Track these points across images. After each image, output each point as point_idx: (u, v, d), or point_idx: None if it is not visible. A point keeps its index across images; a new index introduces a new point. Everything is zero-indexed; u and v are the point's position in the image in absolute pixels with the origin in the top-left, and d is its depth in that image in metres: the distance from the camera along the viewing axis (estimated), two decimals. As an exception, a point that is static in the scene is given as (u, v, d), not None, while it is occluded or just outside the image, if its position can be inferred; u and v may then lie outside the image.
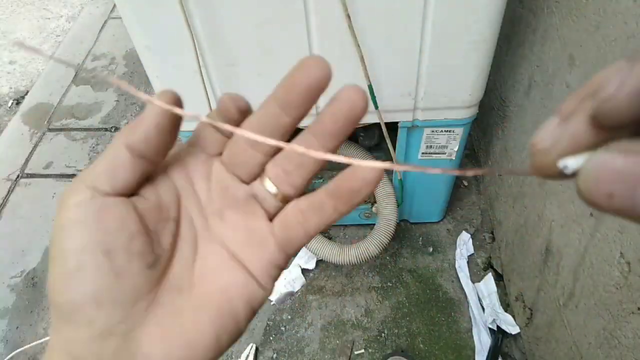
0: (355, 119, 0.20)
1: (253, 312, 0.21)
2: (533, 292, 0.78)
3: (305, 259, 1.00)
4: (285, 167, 0.21)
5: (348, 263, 0.90)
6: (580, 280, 0.61)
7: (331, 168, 1.07)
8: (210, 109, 0.74)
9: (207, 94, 0.72)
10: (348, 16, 0.59)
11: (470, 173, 0.14)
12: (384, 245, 0.89)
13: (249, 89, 0.70)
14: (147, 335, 0.18)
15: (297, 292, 0.98)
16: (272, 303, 0.95)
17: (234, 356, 0.89)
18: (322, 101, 0.22)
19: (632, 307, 0.49)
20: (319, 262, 1.01)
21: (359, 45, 0.62)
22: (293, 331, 0.91)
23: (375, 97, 0.69)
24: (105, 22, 1.78)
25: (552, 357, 0.70)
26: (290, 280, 0.98)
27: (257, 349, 0.90)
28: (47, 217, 1.16)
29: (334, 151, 0.22)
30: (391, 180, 0.91)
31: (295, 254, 0.31)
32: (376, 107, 0.71)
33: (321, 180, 1.06)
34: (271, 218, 0.22)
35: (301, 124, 0.23)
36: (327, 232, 1.05)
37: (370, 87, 0.68)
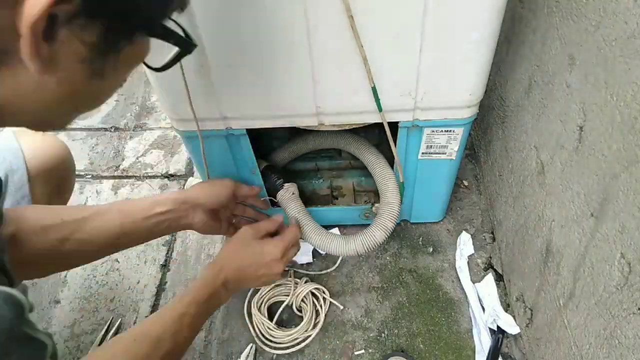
0: None
1: None
2: (533, 293, 0.78)
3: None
4: None
5: (354, 253, 0.86)
6: (580, 280, 0.61)
7: (330, 168, 1.07)
8: (210, 109, 0.73)
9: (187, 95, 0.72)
10: (351, 17, 0.59)
11: None
12: (389, 230, 0.86)
13: (249, 89, 0.70)
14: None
15: (300, 264, 1.00)
16: None
17: (234, 357, 0.89)
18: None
19: (633, 308, 0.49)
20: (318, 262, 1.01)
21: (362, 47, 0.62)
22: (293, 331, 0.91)
23: (379, 99, 0.69)
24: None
25: (553, 357, 0.70)
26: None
27: (257, 349, 0.90)
28: (46, 217, 1.16)
29: None
30: (391, 167, 0.90)
31: None
32: (380, 109, 0.71)
33: (321, 181, 1.06)
34: None
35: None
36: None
37: (374, 89, 0.68)
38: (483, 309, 0.90)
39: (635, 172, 0.47)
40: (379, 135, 0.99)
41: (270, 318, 0.92)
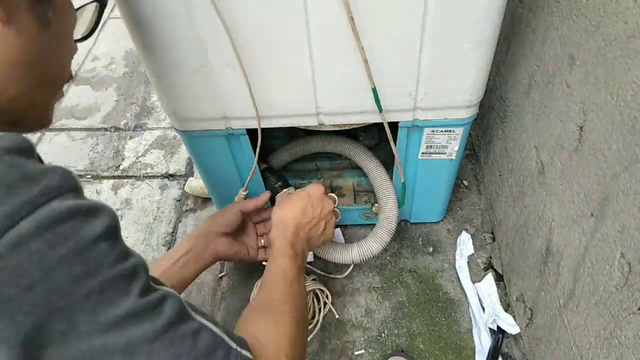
0: None
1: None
2: (533, 292, 0.78)
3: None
4: None
5: (350, 262, 0.88)
6: (580, 280, 0.61)
7: (330, 168, 1.07)
8: (209, 109, 0.73)
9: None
10: (352, 18, 0.59)
11: None
12: (386, 242, 0.88)
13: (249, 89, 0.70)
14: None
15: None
16: None
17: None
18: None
19: (633, 308, 0.49)
20: (318, 262, 1.01)
21: (362, 49, 0.62)
22: (293, 331, 0.91)
23: (379, 100, 0.69)
24: (105, 22, 1.78)
25: (553, 357, 0.70)
26: None
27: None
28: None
29: None
30: (391, 179, 0.91)
31: None
32: (380, 110, 0.71)
33: (321, 181, 1.06)
34: None
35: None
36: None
37: (374, 90, 0.68)
38: (483, 309, 0.90)
39: (635, 172, 0.47)
40: (379, 135, 0.99)
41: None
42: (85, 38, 0.49)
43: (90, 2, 0.48)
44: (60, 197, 0.32)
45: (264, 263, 0.93)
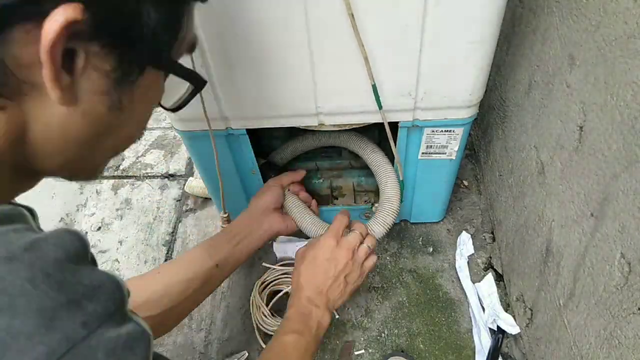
0: None
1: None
2: (533, 292, 0.78)
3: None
4: None
5: None
6: (580, 280, 0.61)
7: (330, 168, 1.07)
8: (207, 109, 0.74)
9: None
10: (352, 15, 0.59)
11: None
12: (388, 224, 0.84)
13: (249, 89, 0.70)
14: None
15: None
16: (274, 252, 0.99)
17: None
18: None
19: (633, 308, 0.49)
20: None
21: (363, 45, 0.62)
22: (293, 331, 0.91)
23: (379, 97, 0.69)
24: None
25: (553, 357, 0.70)
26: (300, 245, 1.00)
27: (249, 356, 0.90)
28: (47, 216, 1.16)
29: None
30: (391, 163, 0.89)
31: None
32: (380, 107, 0.71)
33: (321, 181, 1.06)
34: None
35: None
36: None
37: (374, 86, 0.68)
38: (483, 309, 0.90)
39: (635, 172, 0.47)
40: (379, 135, 0.99)
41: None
42: (173, 110, 0.46)
43: (183, 80, 0.42)
44: (103, 326, 0.29)
45: (264, 264, 0.93)
